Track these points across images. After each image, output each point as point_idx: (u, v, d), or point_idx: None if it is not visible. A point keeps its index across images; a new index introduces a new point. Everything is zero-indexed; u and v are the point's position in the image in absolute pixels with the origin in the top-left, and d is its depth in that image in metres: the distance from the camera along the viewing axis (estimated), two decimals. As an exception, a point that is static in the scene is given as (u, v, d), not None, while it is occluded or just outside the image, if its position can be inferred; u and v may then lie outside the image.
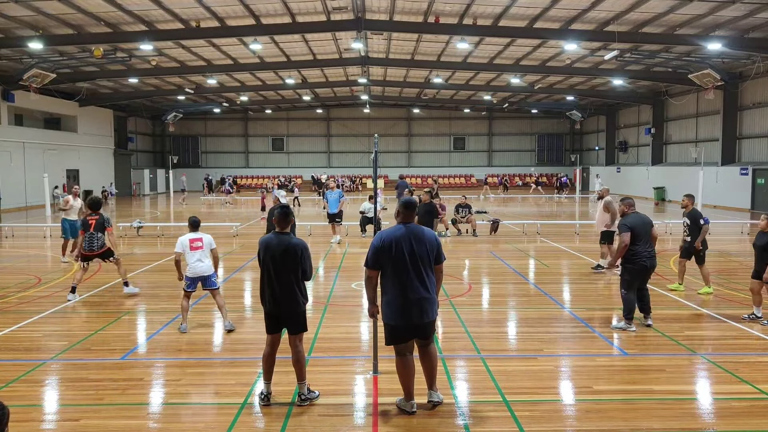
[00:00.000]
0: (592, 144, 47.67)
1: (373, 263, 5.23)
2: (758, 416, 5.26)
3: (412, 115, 50.57)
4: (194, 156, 51.77)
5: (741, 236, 18.34)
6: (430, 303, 5.20)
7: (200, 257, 7.88)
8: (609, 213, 11.90)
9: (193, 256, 7.86)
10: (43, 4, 19.00)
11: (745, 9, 18.83)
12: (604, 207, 12.03)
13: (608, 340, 7.49)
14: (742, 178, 27.81)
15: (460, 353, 6.95)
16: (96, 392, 5.83)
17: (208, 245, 7.97)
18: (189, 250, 7.86)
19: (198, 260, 7.87)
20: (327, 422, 5.15)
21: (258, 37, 23.75)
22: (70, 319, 8.72)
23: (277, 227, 5.64)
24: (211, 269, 7.98)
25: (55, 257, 14.54)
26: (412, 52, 29.03)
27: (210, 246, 7.99)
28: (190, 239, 7.90)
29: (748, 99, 28.49)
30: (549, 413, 5.32)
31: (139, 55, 26.09)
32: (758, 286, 8.28)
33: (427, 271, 5.20)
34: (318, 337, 7.59)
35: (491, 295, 10.46)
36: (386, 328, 5.27)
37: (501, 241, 16.87)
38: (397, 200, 18.18)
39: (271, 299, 5.50)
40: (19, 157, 30.01)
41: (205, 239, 7.98)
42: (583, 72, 29.83)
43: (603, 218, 12.06)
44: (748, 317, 8.36)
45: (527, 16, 21.34)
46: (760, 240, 8.28)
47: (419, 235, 5.21)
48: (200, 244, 7.90)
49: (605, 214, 11.99)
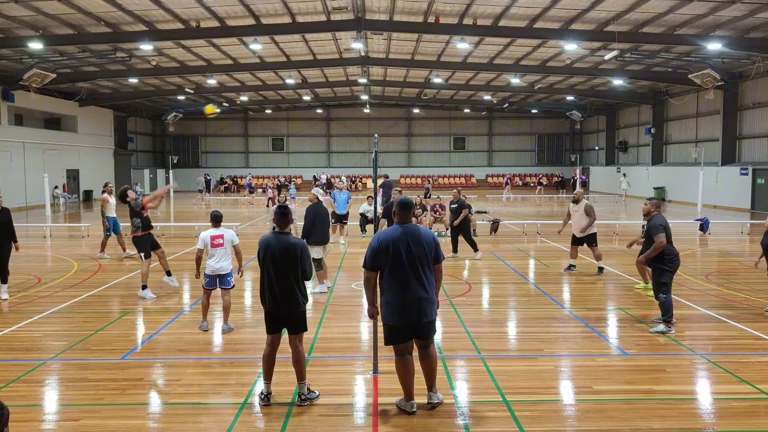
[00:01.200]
0: (592, 144, 47.67)
1: (371, 264, 5.23)
2: (758, 416, 5.26)
3: (412, 115, 50.56)
4: (194, 156, 51.74)
5: (741, 236, 18.35)
6: (429, 303, 5.20)
7: (221, 255, 7.78)
8: (590, 217, 11.72)
9: (214, 254, 7.77)
10: (43, 4, 18.99)
11: (745, 9, 18.83)
12: (585, 211, 11.81)
13: (608, 340, 7.49)
14: (742, 178, 27.81)
15: (460, 353, 6.95)
16: (96, 392, 5.83)
17: (230, 242, 7.88)
18: (210, 248, 7.77)
19: (218, 258, 7.77)
20: (327, 422, 5.15)
21: (258, 37, 23.74)
22: (70, 319, 8.72)
23: (277, 227, 5.65)
24: (229, 267, 7.90)
25: (56, 257, 14.56)
26: (412, 52, 29.03)
27: (232, 242, 7.90)
28: (212, 236, 7.79)
29: (748, 99, 28.48)
30: (549, 413, 5.32)
31: (139, 55, 26.08)
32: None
33: (426, 271, 5.20)
34: (318, 337, 7.59)
35: (491, 295, 10.46)
36: (385, 329, 5.28)
37: (501, 241, 16.87)
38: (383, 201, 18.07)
39: (271, 299, 5.50)
40: (19, 157, 30.00)
41: (227, 235, 7.87)
42: (583, 72, 29.82)
43: (583, 222, 11.81)
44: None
45: (527, 16, 21.34)
46: (766, 239, 8.63)
47: (416, 235, 5.21)
48: (221, 241, 7.80)
49: (586, 218, 11.75)
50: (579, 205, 11.95)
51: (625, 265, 12.56)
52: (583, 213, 11.83)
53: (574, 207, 12.06)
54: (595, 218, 11.87)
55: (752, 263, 9.81)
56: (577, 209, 11.97)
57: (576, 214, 12.00)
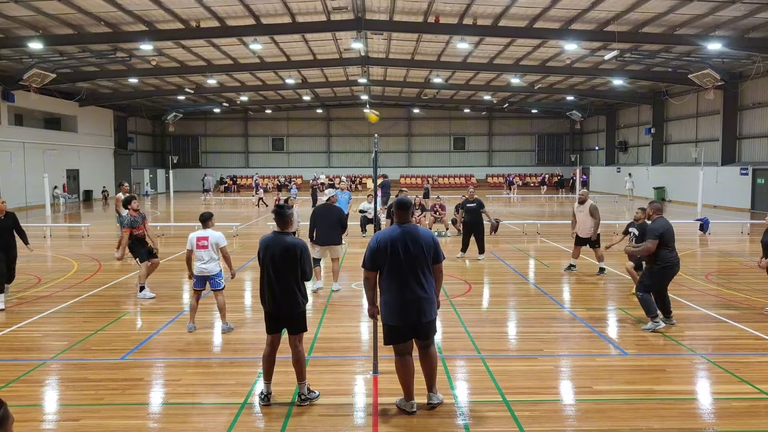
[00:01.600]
0: (592, 144, 47.67)
1: (370, 264, 5.24)
2: (758, 416, 5.26)
3: (412, 115, 50.55)
4: (194, 156, 51.74)
5: (741, 236, 18.35)
6: (429, 303, 5.20)
7: (205, 256, 7.78)
8: (595, 218, 11.68)
9: (199, 255, 7.79)
10: (43, 4, 18.99)
11: (745, 9, 18.82)
12: (590, 211, 11.77)
13: (608, 340, 7.49)
14: (742, 178, 27.81)
15: (460, 353, 6.95)
16: (96, 392, 5.83)
17: (214, 244, 7.82)
18: (196, 249, 7.80)
19: (203, 259, 7.78)
20: (327, 422, 5.15)
21: (258, 37, 23.74)
22: (70, 319, 8.72)
23: (276, 227, 5.65)
24: (216, 269, 7.85)
25: (56, 257, 14.56)
26: (412, 52, 29.02)
27: (217, 245, 7.84)
28: (198, 237, 7.81)
29: (748, 99, 28.48)
30: (549, 413, 5.32)
31: (139, 55, 26.08)
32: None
33: (425, 271, 5.20)
34: (318, 337, 7.59)
35: (491, 295, 10.45)
36: (385, 329, 5.29)
37: (501, 241, 16.86)
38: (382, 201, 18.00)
39: (271, 299, 5.50)
40: (19, 157, 29.99)
41: (211, 238, 7.81)
42: (583, 72, 29.82)
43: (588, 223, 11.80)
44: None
45: (527, 16, 21.34)
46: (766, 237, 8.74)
47: (415, 235, 5.21)
48: (205, 243, 7.78)
49: (591, 219, 11.73)
50: (584, 206, 11.93)
51: (625, 266, 12.53)
52: (587, 213, 11.83)
53: (579, 207, 12.04)
54: (600, 220, 11.85)
55: (753, 264, 9.82)
56: (582, 209, 11.97)
57: (581, 214, 11.99)
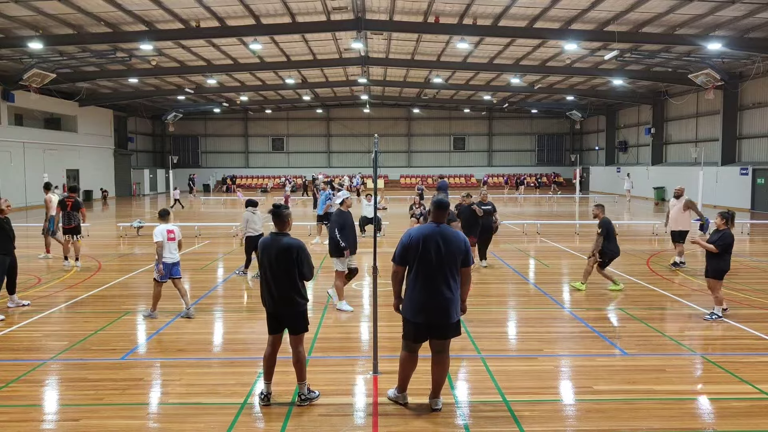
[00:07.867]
0: (592, 144, 47.66)
1: (400, 259, 5.29)
2: (758, 416, 5.26)
3: (412, 115, 50.56)
4: (194, 156, 51.74)
5: (741, 236, 18.33)
6: (452, 303, 5.20)
7: (172, 247, 8.48)
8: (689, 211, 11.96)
9: (168, 246, 8.41)
10: (43, 4, 18.99)
11: (745, 9, 18.83)
12: (684, 206, 12.03)
13: (608, 340, 7.49)
14: (742, 178, 27.81)
15: (460, 353, 6.95)
16: (96, 392, 5.83)
17: (179, 236, 8.59)
18: (167, 240, 8.38)
19: (171, 250, 8.46)
20: (327, 422, 5.15)
21: (258, 37, 23.73)
22: (70, 319, 8.72)
23: (274, 227, 5.64)
24: (177, 258, 8.60)
25: (56, 257, 14.54)
26: (412, 52, 29.03)
27: (179, 237, 8.65)
28: (168, 230, 8.43)
29: (748, 99, 28.48)
30: (549, 413, 5.32)
31: (139, 55, 26.08)
32: None
33: (453, 272, 5.22)
34: (318, 337, 7.59)
35: (491, 295, 10.45)
36: (405, 324, 5.33)
37: (501, 241, 16.86)
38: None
39: (270, 300, 5.50)
40: (19, 157, 29.99)
41: (177, 231, 8.59)
42: (583, 72, 29.82)
43: (682, 218, 12.07)
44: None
45: (527, 16, 21.34)
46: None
47: (448, 236, 5.23)
48: (173, 235, 8.47)
49: (683, 214, 12.01)
50: (679, 201, 12.16)
51: (625, 265, 12.56)
52: (680, 208, 12.04)
53: (674, 202, 12.30)
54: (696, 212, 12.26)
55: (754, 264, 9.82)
56: (675, 204, 12.16)
57: (674, 209, 12.21)
